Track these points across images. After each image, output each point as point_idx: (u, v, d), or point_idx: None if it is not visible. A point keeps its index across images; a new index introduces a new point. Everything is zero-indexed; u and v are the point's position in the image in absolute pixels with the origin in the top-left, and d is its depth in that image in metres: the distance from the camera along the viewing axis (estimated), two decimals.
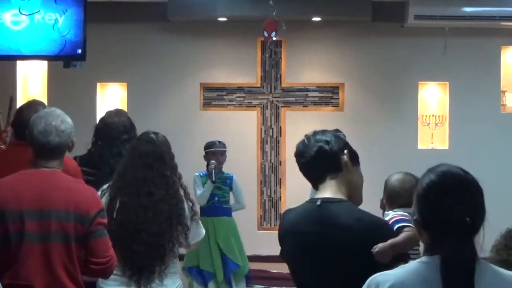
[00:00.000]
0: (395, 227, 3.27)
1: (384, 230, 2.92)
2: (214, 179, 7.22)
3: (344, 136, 7.53)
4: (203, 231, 4.35)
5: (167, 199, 4.06)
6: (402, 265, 2.19)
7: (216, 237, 7.30)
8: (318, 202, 2.87)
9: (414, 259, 3.77)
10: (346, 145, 3.02)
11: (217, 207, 7.35)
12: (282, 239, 3.00)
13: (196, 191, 7.22)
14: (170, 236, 4.06)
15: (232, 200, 7.61)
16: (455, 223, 2.08)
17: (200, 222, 4.32)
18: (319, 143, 2.99)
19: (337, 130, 7.42)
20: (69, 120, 3.50)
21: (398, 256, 2.79)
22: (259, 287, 8.36)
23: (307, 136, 3.06)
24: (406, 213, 3.78)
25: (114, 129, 4.91)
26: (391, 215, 3.74)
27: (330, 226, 2.82)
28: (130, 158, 4.17)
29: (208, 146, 7.52)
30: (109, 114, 5.02)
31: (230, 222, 7.49)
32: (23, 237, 3.28)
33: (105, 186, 4.20)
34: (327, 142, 2.99)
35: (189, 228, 4.14)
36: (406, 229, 3.19)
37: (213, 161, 7.33)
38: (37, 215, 3.31)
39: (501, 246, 3.28)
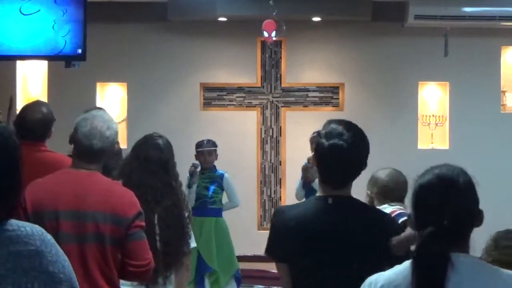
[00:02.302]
0: (400, 220, 3.32)
1: (394, 223, 2.99)
2: (190, 184, 7.06)
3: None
4: (193, 242, 4.28)
5: (173, 209, 4.01)
6: (397, 265, 2.23)
7: (199, 237, 7.13)
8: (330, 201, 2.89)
9: None
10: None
11: (204, 207, 7.21)
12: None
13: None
14: (176, 246, 4.03)
15: (225, 199, 7.48)
16: (433, 223, 2.14)
17: (191, 231, 4.27)
18: None
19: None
20: (115, 126, 3.46)
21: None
22: (259, 287, 8.36)
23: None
24: (402, 207, 3.83)
25: None
26: (390, 209, 3.78)
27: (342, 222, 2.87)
28: (134, 160, 4.08)
29: (197, 145, 7.43)
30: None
31: (218, 223, 7.37)
32: (59, 237, 3.18)
33: None
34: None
35: (190, 236, 4.11)
36: None
37: (195, 163, 7.21)
38: (72, 216, 3.29)
39: (491, 248, 3.30)
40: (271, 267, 8.99)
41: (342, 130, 2.92)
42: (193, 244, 4.23)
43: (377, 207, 3.89)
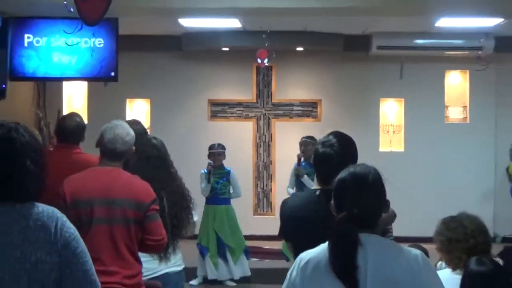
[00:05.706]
0: None
1: None
2: (209, 180, 7.15)
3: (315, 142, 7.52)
4: (196, 216, 4.25)
5: (177, 189, 3.97)
6: (322, 244, 2.21)
7: (214, 221, 7.28)
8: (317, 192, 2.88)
9: (392, 233, 3.84)
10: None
11: (216, 197, 7.28)
12: None
13: (201, 185, 7.20)
14: (182, 219, 3.99)
15: (231, 190, 7.54)
16: (346, 210, 2.15)
17: (195, 212, 4.20)
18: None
19: (312, 138, 7.46)
20: (132, 133, 3.49)
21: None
22: (254, 260, 8.36)
23: None
24: None
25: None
26: None
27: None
28: (138, 161, 4.04)
29: (210, 147, 7.48)
30: (129, 123, 4.94)
31: (228, 209, 7.41)
32: (93, 220, 3.25)
33: None
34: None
35: (192, 215, 4.08)
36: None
37: (210, 162, 7.27)
38: (104, 203, 3.28)
39: (443, 230, 3.26)
40: (264, 244, 8.99)
41: (334, 141, 2.91)
42: (195, 217, 4.19)
43: None
